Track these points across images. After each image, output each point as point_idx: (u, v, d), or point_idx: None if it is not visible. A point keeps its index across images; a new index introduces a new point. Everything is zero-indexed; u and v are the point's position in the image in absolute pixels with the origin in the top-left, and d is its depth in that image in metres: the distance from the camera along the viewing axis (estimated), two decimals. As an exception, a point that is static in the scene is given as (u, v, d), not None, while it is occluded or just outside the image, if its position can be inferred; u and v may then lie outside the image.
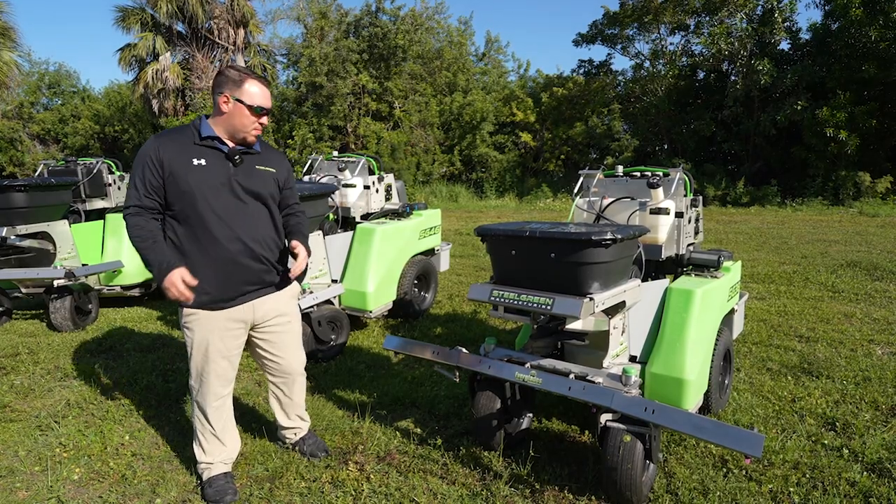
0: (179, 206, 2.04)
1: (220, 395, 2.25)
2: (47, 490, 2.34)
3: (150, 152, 2.02)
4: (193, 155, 2.05)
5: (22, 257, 4.45)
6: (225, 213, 2.06)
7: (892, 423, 2.87)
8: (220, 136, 2.09)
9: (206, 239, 2.06)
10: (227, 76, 2.08)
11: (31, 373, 3.60)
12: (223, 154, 2.09)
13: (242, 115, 2.07)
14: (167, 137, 2.07)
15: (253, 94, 2.06)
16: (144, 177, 2.02)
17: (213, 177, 2.05)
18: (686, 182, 2.87)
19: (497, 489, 2.30)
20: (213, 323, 2.13)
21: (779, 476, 2.38)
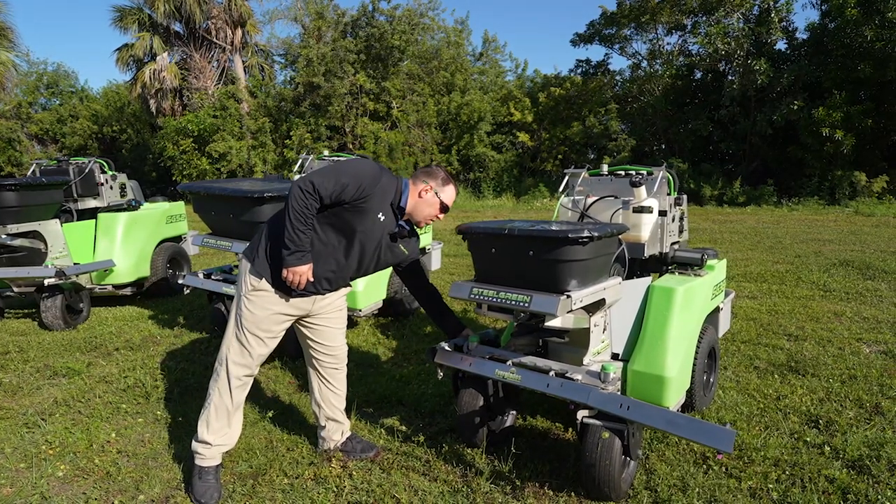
0: (341, 227, 2.20)
1: (251, 373, 2.32)
2: (31, 487, 2.35)
3: (369, 181, 2.15)
4: (382, 209, 2.23)
5: (13, 256, 4.46)
6: (360, 257, 2.28)
7: (875, 420, 2.88)
8: (404, 208, 2.32)
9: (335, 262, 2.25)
10: (439, 174, 2.34)
11: (21, 371, 3.61)
12: (395, 225, 2.32)
13: (433, 207, 2.32)
14: (385, 180, 2.23)
15: (449, 197, 2.34)
16: (348, 187, 2.11)
17: (378, 234, 2.26)
18: (670, 181, 2.89)
19: (478, 485, 2.31)
20: (277, 305, 2.23)
21: (759, 473, 2.40)
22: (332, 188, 2.08)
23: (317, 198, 2.08)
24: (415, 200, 2.31)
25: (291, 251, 2.09)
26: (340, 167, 2.14)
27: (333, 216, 2.17)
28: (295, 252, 2.10)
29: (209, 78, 18.46)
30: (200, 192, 3.67)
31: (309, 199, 2.07)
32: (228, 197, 3.54)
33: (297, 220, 2.07)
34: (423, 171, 2.36)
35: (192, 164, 16.65)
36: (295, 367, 3.66)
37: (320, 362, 2.48)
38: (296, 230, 2.08)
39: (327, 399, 2.51)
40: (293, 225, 2.08)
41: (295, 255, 2.10)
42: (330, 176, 2.09)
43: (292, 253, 2.10)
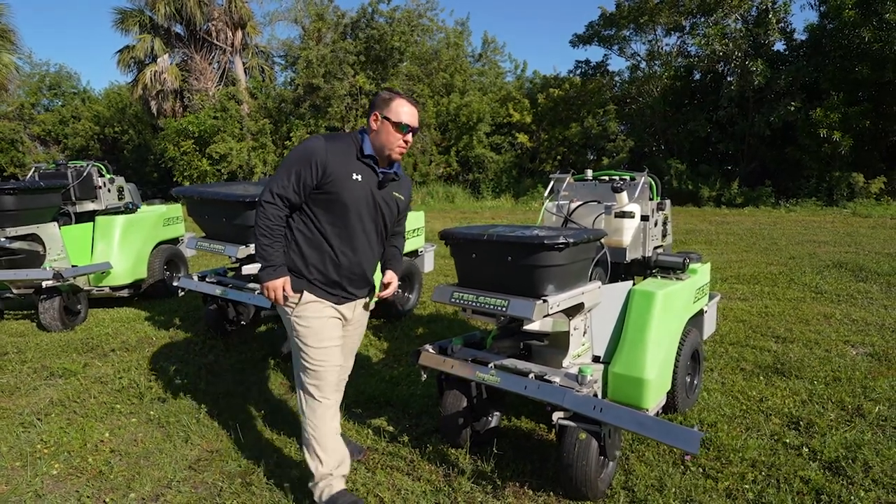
0: (328, 213, 2.11)
1: (338, 388, 2.27)
2: (26, 485, 2.41)
3: (318, 154, 2.05)
4: (353, 169, 2.11)
5: (12, 259, 4.53)
6: (363, 227, 2.17)
7: (856, 422, 2.92)
8: (375, 155, 2.16)
9: (344, 243, 2.15)
10: (381, 97, 2.17)
11: (18, 371, 3.68)
12: (376, 176, 2.17)
13: (391, 134, 2.13)
14: (335, 144, 2.12)
15: (399, 113, 2.12)
16: (302, 173, 2.04)
17: (365, 194, 2.14)
18: (652, 186, 2.94)
19: (459, 485, 2.36)
20: (325, 311, 2.17)
21: (736, 474, 2.45)
22: (288, 182, 2.05)
23: (279, 203, 2.06)
24: (373, 140, 2.16)
25: (263, 267, 2.08)
26: (287, 159, 2.11)
27: (316, 205, 2.11)
28: (266, 267, 2.07)
29: (210, 79, 18.55)
30: (194, 197, 3.73)
31: (270, 210, 2.05)
32: (221, 201, 3.60)
33: (262, 234, 2.06)
34: (370, 106, 2.21)
35: (193, 166, 16.74)
36: (286, 368, 3.72)
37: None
38: (262, 246, 2.06)
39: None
40: (259, 241, 2.07)
41: (266, 270, 2.08)
42: (280, 174, 2.07)
43: (263, 268, 2.08)
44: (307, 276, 2.14)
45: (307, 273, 2.14)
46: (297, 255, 2.15)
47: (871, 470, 2.45)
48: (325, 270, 2.15)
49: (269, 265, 2.07)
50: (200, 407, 3.12)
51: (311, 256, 2.15)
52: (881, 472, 2.44)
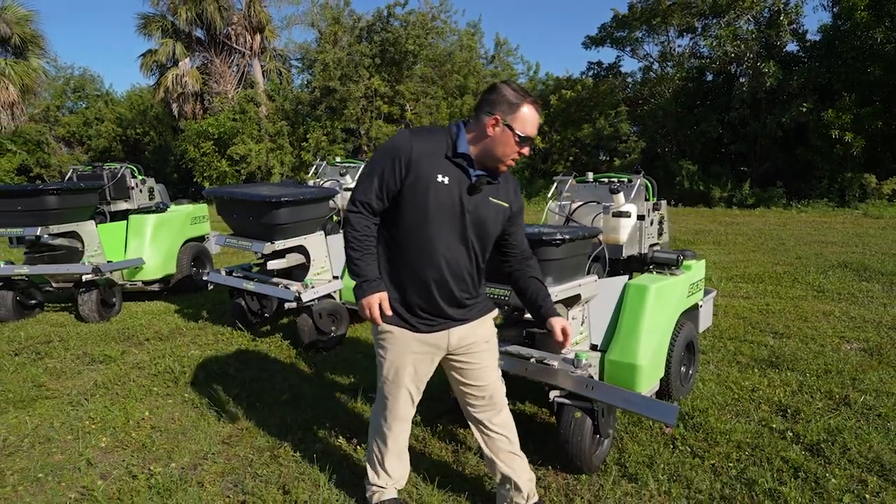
0: (408, 218, 1.85)
1: (406, 419, 2.11)
2: (78, 455, 2.71)
3: (403, 151, 1.80)
4: (440, 170, 1.82)
5: (54, 254, 4.87)
6: (445, 240, 1.85)
7: (841, 410, 3.11)
8: (472, 156, 1.86)
9: (421, 257, 1.86)
10: (503, 95, 1.81)
11: (63, 357, 4.00)
12: (467, 179, 1.86)
13: (507, 144, 1.81)
14: (424, 140, 1.83)
15: (525, 123, 1.81)
16: (384, 175, 1.81)
17: (450, 200, 1.83)
18: (648, 187, 3.15)
19: (466, 460, 2.61)
20: (407, 345, 1.95)
21: (722, 453, 2.65)
22: (370, 186, 1.83)
23: (365, 211, 1.84)
24: (481, 142, 1.83)
25: (356, 283, 1.88)
26: (371, 160, 1.90)
27: (398, 214, 1.85)
28: (360, 283, 1.86)
29: (229, 82, 19.03)
30: (223, 197, 4.03)
31: (354, 219, 1.84)
32: (248, 201, 3.89)
33: (351, 247, 1.86)
34: (484, 100, 1.85)
35: (213, 166, 17.21)
36: (308, 356, 3.99)
37: (474, 406, 2.09)
38: (352, 260, 1.87)
39: (497, 450, 2.10)
40: (349, 255, 1.87)
41: (360, 286, 1.86)
42: (365, 177, 1.86)
43: (357, 285, 1.87)
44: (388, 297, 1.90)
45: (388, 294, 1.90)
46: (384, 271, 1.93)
47: (848, 451, 2.65)
48: (403, 291, 1.90)
49: (362, 280, 1.85)
50: (230, 390, 3.40)
51: (390, 273, 1.92)
52: (857, 453, 2.63)
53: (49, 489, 2.43)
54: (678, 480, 2.43)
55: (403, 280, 1.90)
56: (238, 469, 2.58)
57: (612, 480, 2.43)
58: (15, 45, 17.32)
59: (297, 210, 3.90)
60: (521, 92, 1.83)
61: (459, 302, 1.95)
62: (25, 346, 4.23)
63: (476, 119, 1.86)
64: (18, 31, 17.06)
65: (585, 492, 2.37)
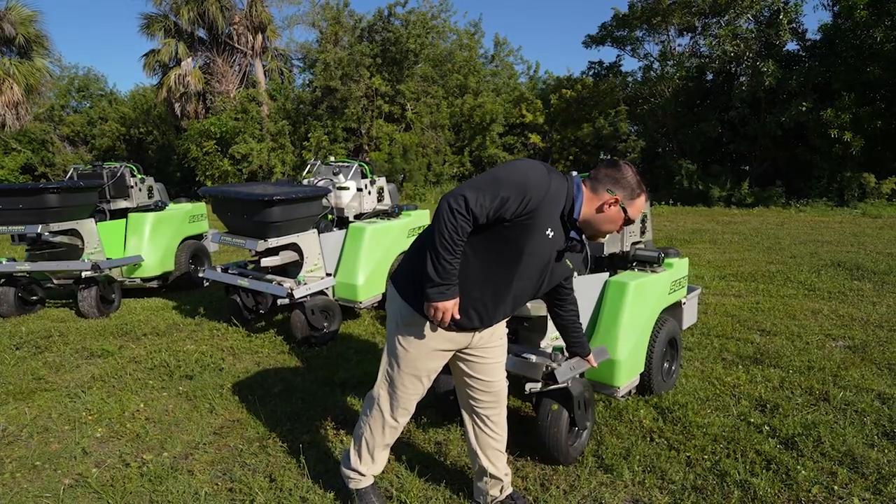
0: (501, 250, 1.85)
1: (411, 412, 2.12)
2: (75, 444, 2.80)
3: (537, 193, 1.78)
4: (551, 224, 1.85)
5: (54, 252, 4.98)
6: (521, 281, 1.92)
7: (820, 406, 3.17)
8: (577, 219, 1.92)
9: (494, 284, 1.91)
10: (628, 180, 1.92)
11: (62, 352, 4.10)
12: (564, 240, 1.93)
13: (615, 223, 1.93)
14: (555, 188, 1.83)
15: (637, 210, 1.95)
16: (508, 203, 1.76)
17: (545, 251, 1.89)
18: (630, 187, 3.21)
19: (447, 451, 2.69)
20: (435, 342, 1.96)
21: (697, 446, 2.72)
22: (490, 205, 1.74)
23: (470, 219, 1.75)
24: (593, 212, 1.91)
25: (435, 283, 1.79)
26: (500, 175, 1.80)
27: (492, 235, 1.83)
28: (439, 285, 1.78)
29: (231, 82, 19.16)
30: (218, 196, 4.12)
31: (459, 221, 1.74)
32: (242, 200, 3.98)
33: (444, 247, 1.75)
34: (608, 175, 1.92)
35: (215, 166, 17.33)
36: (301, 351, 4.08)
37: (477, 401, 2.14)
38: (441, 260, 1.76)
39: (485, 446, 2.18)
40: (438, 253, 1.76)
41: (438, 288, 1.79)
42: (487, 189, 1.76)
43: (436, 286, 1.79)
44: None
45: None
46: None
47: (821, 445, 2.71)
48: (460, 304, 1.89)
49: (443, 283, 1.79)
50: (223, 384, 3.49)
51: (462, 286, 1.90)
52: (831, 446, 2.69)
53: (45, 476, 2.52)
54: (652, 472, 2.51)
55: (466, 294, 1.89)
56: (227, 458, 2.67)
57: (587, 471, 2.50)
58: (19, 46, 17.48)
59: (289, 208, 3.99)
60: (641, 181, 1.95)
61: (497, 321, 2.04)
62: (26, 341, 4.34)
63: (594, 189, 1.91)
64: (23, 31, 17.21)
65: (561, 481, 2.45)
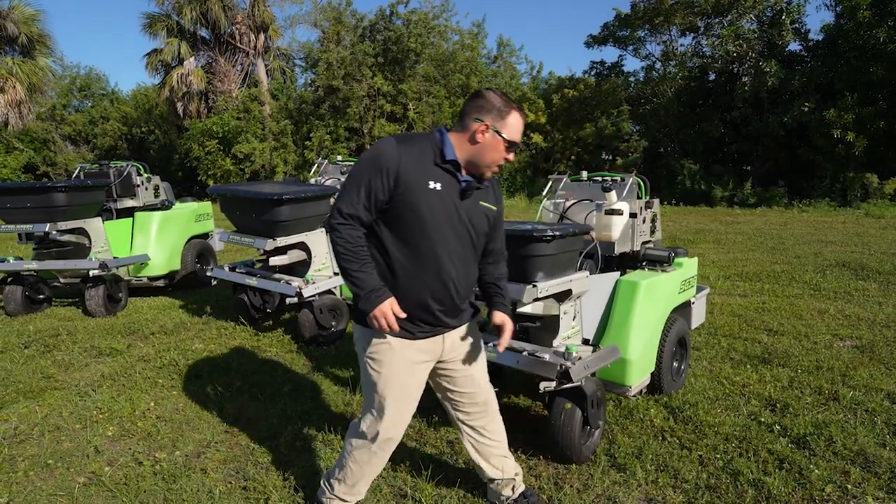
0: (403, 229, 1.81)
1: (398, 439, 1.99)
2: (86, 442, 2.80)
3: (389, 160, 1.75)
4: (431, 176, 1.80)
5: (62, 250, 4.98)
6: (446, 246, 1.84)
7: (830, 405, 3.17)
8: (460, 161, 1.85)
9: (424, 269, 1.83)
10: (493, 103, 1.83)
11: (71, 350, 4.11)
12: (458, 184, 1.86)
13: (496, 150, 1.83)
14: (409, 148, 1.80)
15: (513, 129, 1.84)
16: (372, 186, 1.75)
17: (445, 206, 1.83)
18: (641, 186, 3.22)
19: (459, 449, 2.69)
20: (406, 354, 1.89)
21: (709, 445, 2.73)
22: (359, 198, 1.76)
23: (351, 222, 1.77)
24: (468, 148, 1.83)
25: (360, 296, 1.79)
26: (354, 170, 1.82)
27: (391, 223, 1.82)
28: (366, 294, 1.78)
29: (233, 81, 19.16)
30: (227, 195, 4.12)
31: (344, 232, 1.77)
32: (251, 199, 3.98)
33: (347, 261, 1.77)
34: (472, 106, 1.84)
35: (217, 165, 17.34)
36: (309, 350, 4.09)
37: (467, 413, 2.09)
38: (351, 274, 1.77)
39: (488, 455, 2.13)
40: (346, 270, 1.78)
41: (366, 297, 1.78)
42: (351, 188, 1.78)
43: (362, 297, 1.78)
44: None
45: None
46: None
47: (833, 444, 2.71)
48: (404, 302, 1.83)
49: (368, 291, 1.77)
50: (232, 382, 3.49)
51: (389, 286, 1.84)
52: (842, 446, 2.69)
53: (59, 475, 2.53)
54: (665, 470, 2.51)
55: (405, 291, 1.84)
56: (240, 457, 2.67)
57: (601, 470, 2.50)
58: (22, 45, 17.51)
59: (298, 207, 3.99)
60: (508, 99, 1.86)
61: (460, 308, 1.95)
62: (34, 339, 4.34)
63: (462, 125, 1.85)
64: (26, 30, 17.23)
65: (575, 480, 2.45)
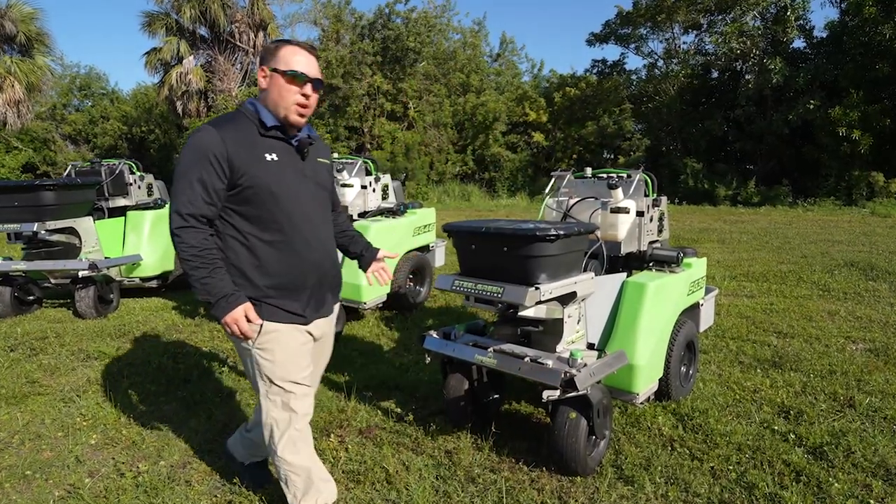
0: (257, 212, 1.75)
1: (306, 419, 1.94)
2: (68, 452, 2.67)
3: (214, 148, 1.67)
4: (263, 149, 1.74)
5: (51, 250, 4.86)
6: (307, 216, 1.81)
7: (846, 412, 3.03)
8: (280, 124, 1.79)
9: (292, 247, 1.79)
10: (266, 49, 1.80)
11: (58, 354, 3.98)
12: (292, 147, 1.82)
13: (287, 89, 1.74)
14: (229, 128, 1.73)
15: (287, 60, 1.73)
16: (206, 178, 1.67)
17: (289, 173, 1.78)
18: (648, 183, 3.08)
19: (459, 460, 2.55)
20: (297, 339, 1.85)
21: (721, 455, 2.59)
22: (194, 194, 1.68)
23: (192, 222, 1.69)
24: (270, 104, 1.77)
25: (212, 303, 1.71)
26: (180, 169, 1.72)
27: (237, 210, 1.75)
28: (216, 301, 1.70)
29: (233, 80, 19.04)
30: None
31: (187, 236, 1.68)
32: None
33: (193, 267, 1.69)
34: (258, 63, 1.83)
35: (216, 164, 17.20)
36: (303, 354, 3.95)
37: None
38: (198, 280, 1.70)
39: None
40: (193, 276, 1.70)
41: (217, 304, 1.70)
42: (184, 187, 1.69)
43: (213, 304, 1.71)
44: (268, 300, 1.79)
45: (266, 296, 1.79)
46: (243, 278, 1.78)
47: (852, 455, 2.57)
48: (287, 287, 1.80)
49: (218, 297, 1.69)
50: (223, 388, 3.36)
51: (262, 274, 1.78)
52: (862, 457, 2.55)
53: (36, 487, 2.40)
54: (676, 483, 2.37)
55: (279, 273, 1.79)
56: (227, 467, 2.53)
57: (607, 483, 2.37)
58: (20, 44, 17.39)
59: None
60: (281, 39, 1.86)
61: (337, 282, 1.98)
62: (21, 342, 4.21)
63: (259, 86, 1.81)
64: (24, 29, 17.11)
65: (580, 494, 2.32)
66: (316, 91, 1.80)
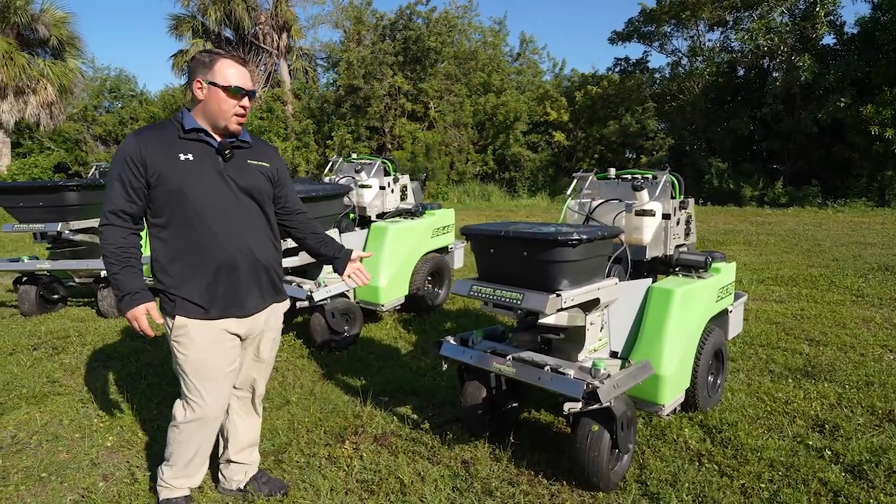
0: (169, 209, 1.86)
1: (218, 420, 2.06)
2: (84, 454, 2.67)
3: (130, 150, 1.82)
4: (179, 150, 1.86)
5: (75, 250, 4.92)
6: (220, 213, 1.88)
7: (885, 427, 2.87)
8: (205, 128, 1.90)
9: (201, 242, 1.87)
10: (200, 60, 1.88)
11: (79, 353, 4.02)
12: (212, 148, 1.91)
13: (223, 101, 1.86)
14: (148, 133, 1.88)
15: (224, 74, 1.85)
16: (124, 177, 1.82)
17: (204, 172, 1.86)
18: (675, 184, 2.96)
19: (476, 471, 2.48)
20: (210, 335, 1.92)
21: (752, 473, 2.46)
22: (115, 193, 1.83)
23: (118, 221, 1.84)
24: (202, 111, 1.89)
25: (119, 297, 1.87)
26: (109, 172, 1.90)
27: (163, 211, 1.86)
28: (122, 297, 1.85)
29: (257, 81, 19.26)
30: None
31: (108, 232, 1.84)
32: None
33: (109, 262, 1.85)
34: (189, 74, 1.92)
35: (239, 164, 17.40)
36: (320, 356, 3.92)
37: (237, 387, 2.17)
38: (112, 275, 1.86)
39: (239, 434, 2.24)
40: (107, 270, 1.87)
41: (123, 300, 1.85)
42: (109, 188, 1.85)
43: (120, 299, 1.86)
44: (178, 294, 1.89)
45: (177, 290, 1.89)
46: (161, 273, 1.90)
47: (894, 474, 2.42)
48: (194, 282, 1.88)
49: (124, 294, 1.84)
50: (239, 390, 3.34)
51: (174, 269, 1.88)
52: (905, 476, 2.40)
53: (50, 490, 2.39)
54: (704, 502, 2.26)
55: (191, 269, 1.88)
56: (241, 474, 2.50)
57: (631, 499, 2.27)
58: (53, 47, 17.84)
59: (309, 206, 3.81)
60: (215, 51, 1.91)
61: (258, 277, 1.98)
62: (44, 341, 4.27)
63: (192, 95, 1.90)
64: (56, 33, 17.55)
65: (602, 510, 2.22)
66: (251, 101, 1.95)
